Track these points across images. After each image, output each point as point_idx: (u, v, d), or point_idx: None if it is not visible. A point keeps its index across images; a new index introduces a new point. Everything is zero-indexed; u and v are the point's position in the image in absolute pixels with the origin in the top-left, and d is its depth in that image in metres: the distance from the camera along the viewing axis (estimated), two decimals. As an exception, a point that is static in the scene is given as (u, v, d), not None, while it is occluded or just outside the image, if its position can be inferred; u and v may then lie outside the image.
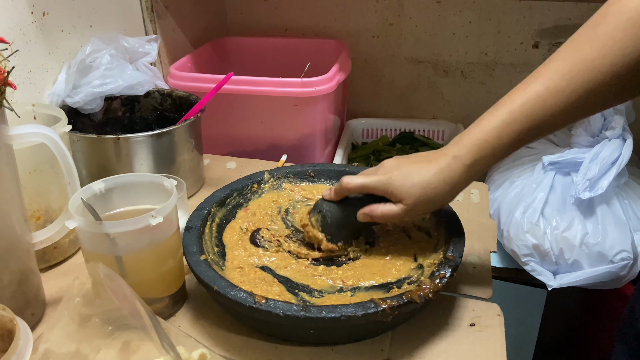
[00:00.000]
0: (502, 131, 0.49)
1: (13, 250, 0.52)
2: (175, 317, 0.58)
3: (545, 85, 0.47)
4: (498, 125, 0.49)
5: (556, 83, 0.47)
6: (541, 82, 0.48)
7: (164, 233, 0.54)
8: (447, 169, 0.52)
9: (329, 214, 0.60)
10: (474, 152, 0.50)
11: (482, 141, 0.50)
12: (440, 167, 0.52)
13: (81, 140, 0.72)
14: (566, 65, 0.47)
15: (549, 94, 0.47)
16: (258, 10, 1.30)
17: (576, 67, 0.46)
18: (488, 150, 0.50)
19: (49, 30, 0.78)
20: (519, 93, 0.49)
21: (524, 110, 0.48)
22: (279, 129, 0.98)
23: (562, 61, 0.47)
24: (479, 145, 0.50)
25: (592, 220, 0.85)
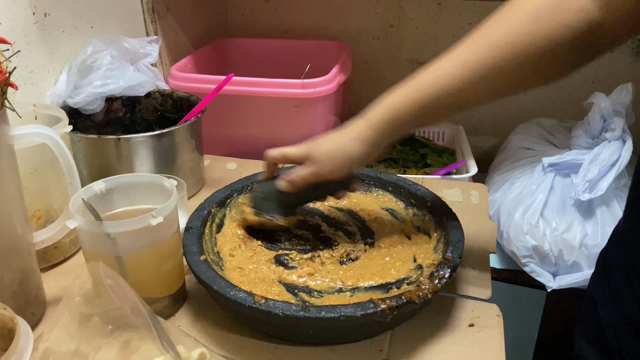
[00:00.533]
0: (406, 96, 0.53)
1: (14, 250, 0.52)
2: (175, 317, 0.58)
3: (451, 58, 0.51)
4: (403, 91, 0.54)
5: (462, 56, 0.50)
6: (449, 56, 0.51)
7: (164, 233, 0.54)
8: (352, 127, 0.57)
9: (258, 190, 0.66)
10: (381, 112, 0.55)
11: (386, 105, 0.55)
12: (347, 126, 0.58)
13: (82, 141, 0.72)
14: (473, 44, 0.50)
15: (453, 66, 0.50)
16: (259, 12, 1.30)
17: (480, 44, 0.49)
18: (394, 114, 0.54)
19: (51, 31, 0.78)
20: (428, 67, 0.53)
21: (428, 79, 0.52)
22: (280, 129, 0.98)
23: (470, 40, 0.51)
24: (383, 108, 0.55)
25: (592, 221, 0.85)
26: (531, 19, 0.47)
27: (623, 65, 1.16)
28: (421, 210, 0.68)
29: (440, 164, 1.13)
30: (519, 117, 1.20)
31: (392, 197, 0.72)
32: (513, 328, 0.98)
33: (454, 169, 1.05)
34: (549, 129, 1.07)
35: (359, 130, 0.57)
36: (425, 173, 1.10)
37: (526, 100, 1.23)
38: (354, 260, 0.62)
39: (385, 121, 0.55)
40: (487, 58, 0.48)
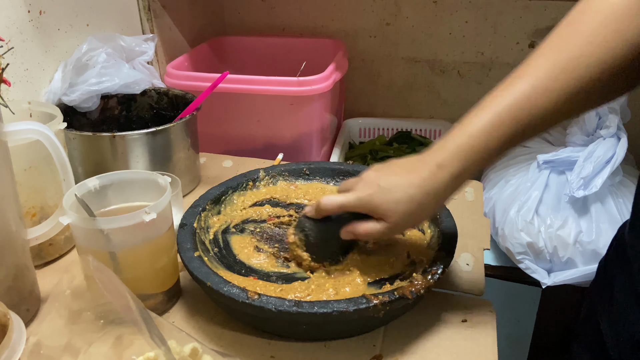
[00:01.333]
0: (489, 135, 0.46)
1: (8, 246, 0.52)
2: (170, 313, 0.58)
3: (532, 84, 0.45)
4: (485, 129, 0.46)
5: (542, 82, 0.45)
6: (527, 81, 0.46)
7: (158, 229, 0.54)
8: (430, 180, 0.48)
9: (311, 233, 0.58)
10: (460, 159, 0.47)
11: (468, 147, 0.47)
12: (422, 178, 0.48)
13: (77, 138, 0.72)
14: (551, 64, 0.45)
15: (536, 93, 0.45)
16: (255, 10, 1.30)
17: (562, 64, 0.44)
18: (475, 156, 0.47)
19: (46, 29, 0.78)
20: (503, 93, 0.46)
21: (511, 111, 0.45)
22: (276, 127, 0.98)
23: (545, 59, 0.46)
24: (466, 151, 0.47)
25: (586, 218, 0.85)
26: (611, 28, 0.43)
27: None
28: (415, 206, 0.68)
29: (437, 161, 1.13)
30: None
31: (387, 194, 0.73)
32: (508, 325, 0.99)
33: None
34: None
35: (440, 187, 0.48)
36: (421, 171, 1.10)
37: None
38: None
39: (472, 173, 0.48)
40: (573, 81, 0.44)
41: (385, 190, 0.50)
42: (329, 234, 0.57)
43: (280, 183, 0.74)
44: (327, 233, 0.57)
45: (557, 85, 0.44)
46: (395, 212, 0.50)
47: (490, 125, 0.46)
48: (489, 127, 0.46)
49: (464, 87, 1.28)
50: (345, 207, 0.53)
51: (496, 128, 0.46)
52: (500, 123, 0.46)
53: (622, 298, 0.52)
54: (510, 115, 0.45)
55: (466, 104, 1.43)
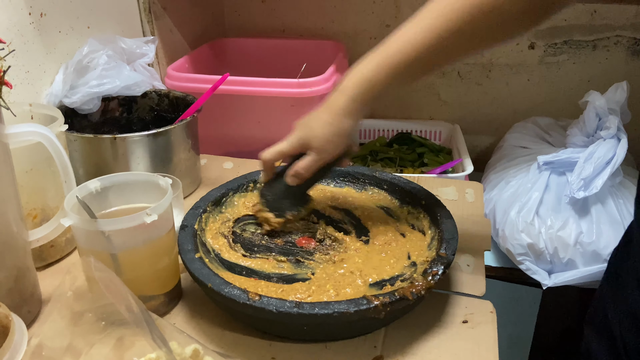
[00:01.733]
0: (378, 65, 0.55)
1: (9, 247, 0.52)
2: (171, 314, 0.58)
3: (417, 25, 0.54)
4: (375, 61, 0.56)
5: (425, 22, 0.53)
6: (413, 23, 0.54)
7: (159, 231, 0.54)
8: (333, 104, 0.59)
9: (267, 193, 0.66)
10: (355, 84, 0.57)
11: (360, 74, 0.57)
12: (327, 104, 0.59)
13: (78, 140, 0.72)
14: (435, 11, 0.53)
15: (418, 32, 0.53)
16: (255, 12, 1.30)
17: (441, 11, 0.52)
18: (368, 82, 0.56)
19: (47, 31, 0.78)
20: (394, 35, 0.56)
21: (397, 46, 0.55)
22: (276, 129, 0.98)
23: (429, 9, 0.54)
24: (359, 77, 0.57)
25: (587, 219, 0.85)
26: None
27: (618, 64, 1.16)
28: (415, 208, 0.68)
29: (437, 163, 1.13)
30: (515, 116, 1.20)
31: (387, 195, 0.73)
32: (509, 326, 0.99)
33: (449, 167, 1.06)
34: (545, 127, 1.07)
35: (343, 106, 0.58)
36: (421, 172, 1.10)
37: (522, 99, 1.24)
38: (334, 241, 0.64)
39: (365, 91, 0.57)
40: (448, 22, 0.52)
41: (305, 125, 0.61)
42: (280, 188, 0.65)
43: None
44: (278, 187, 0.65)
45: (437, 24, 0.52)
46: (316, 137, 0.60)
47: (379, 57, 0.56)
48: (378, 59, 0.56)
49: (464, 88, 1.28)
50: (280, 151, 0.63)
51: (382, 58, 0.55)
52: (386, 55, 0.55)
53: (626, 282, 0.57)
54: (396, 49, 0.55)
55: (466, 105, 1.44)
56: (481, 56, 1.24)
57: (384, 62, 0.55)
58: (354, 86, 0.57)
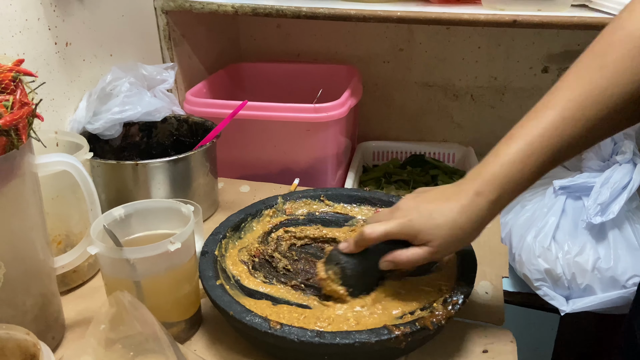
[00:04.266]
0: (522, 164, 0.48)
1: (36, 275, 0.53)
2: (191, 341, 0.59)
3: (560, 114, 0.48)
4: (518, 158, 0.48)
5: (571, 112, 0.47)
6: (555, 111, 0.48)
7: (182, 258, 0.55)
8: (470, 207, 0.50)
9: (348, 266, 0.57)
10: (496, 187, 0.49)
11: (503, 176, 0.49)
12: (462, 204, 0.50)
13: (101, 166, 0.74)
14: (578, 94, 0.47)
15: (565, 124, 0.47)
16: (271, 36, 1.33)
17: (590, 95, 0.47)
18: (510, 184, 0.49)
19: (72, 60, 0.81)
20: (533, 123, 0.49)
21: (543, 141, 0.48)
22: (292, 153, 1.00)
23: (572, 90, 0.48)
24: (501, 180, 0.49)
25: (604, 245, 0.85)
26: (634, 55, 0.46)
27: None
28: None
29: (451, 185, 1.14)
30: (529, 138, 1.21)
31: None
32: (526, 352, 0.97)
33: (464, 191, 1.06)
34: (560, 151, 1.07)
35: (476, 208, 0.50)
36: (436, 195, 1.10)
37: (536, 122, 1.24)
38: None
39: (508, 199, 0.50)
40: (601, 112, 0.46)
41: (425, 216, 0.52)
42: (367, 266, 0.57)
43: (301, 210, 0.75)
44: (365, 265, 0.57)
45: (585, 116, 0.47)
46: (438, 237, 0.51)
47: (523, 154, 0.48)
48: (522, 156, 0.48)
49: (477, 111, 1.29)
50: (389, 234, 0.53)
51: (529, 157, 0.48)
52: (532, 152, 0.48)
53: None
54: (541, 144, 0.48)
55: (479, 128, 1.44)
56: (494, 80, 1.25)
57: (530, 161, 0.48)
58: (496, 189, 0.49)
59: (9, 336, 0.45)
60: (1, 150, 0.46)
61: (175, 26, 1.03)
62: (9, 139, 0.47)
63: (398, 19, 0.91)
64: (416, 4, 0.98)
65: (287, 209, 0.75)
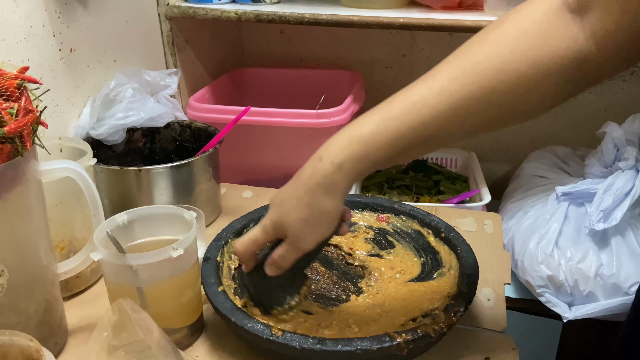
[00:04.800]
0: (376, 128, 0.44)
1: (39, 280, 0.53)
2: (193, 347, 0.59)
3: (429, 85, 0.44)
4: (374, 122, 0.44)
5: (440, 83, 0.44)
6: (425, 82, 0.45)
7: (184, 264, 0.56)
8: (315, 176, 0.45)
9: (250, 287, 0.57)
10: (343, 148, 0.45)
11: (355, 138, 0.44)
12: (305, 176, 0.46)
13: (104, 172, 0.74)
14: (453, 67, 0.44)
15: (430, 93, 0.43)
16: (274, 42, 1.33)
17: (462, 68, 0.44)
18: (361, 146, 0.44)
19: (76, 66, 0.81)
20: (401, 94, 0.46)
21: (403, 107, 0.44)
22: (295, 158, 0.99)
23: (449, 64, 0.45)
24: (351, 141, 0.44)
25: (607, 251, 0.85)
26: (519, 43, 0.42)
27: (635, 94, 1.16)
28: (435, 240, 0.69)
29: (453, 191, 1.14)
30: (531, 144, 1.21)
31: (406, 227, 0.73)
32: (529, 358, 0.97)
33: (467, 197, 1.06)
34: (562, 157, 1.07)
35: (324, 180, 0.45)
36: (438, 200, 1.11)
37: (538, 127, 1.24)
38: None
39: (357, 159, 0.44)
40: (470, 86, 0.42)
41: (279, 205, 0.48)
42: (262, 277, 0.54)
43: None
44: (260, 277, 0.54)
45: (453, 87, 0.43)
46: (289, 223, 0.47)
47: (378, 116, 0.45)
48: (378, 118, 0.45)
49: (480, 116, 1.29)
50: (257, 240, 0.51)
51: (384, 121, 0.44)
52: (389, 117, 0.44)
53: None
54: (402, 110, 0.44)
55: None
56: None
57: (385, 124, 0.44)
58: (342, 151, 0.44)
59: (12, 342, 0.45)
60: (6, 157, 0.47)
61: (178, 32, 1.03)
62: (14, 146, 0.47)
63: (401, 26, 0.91)
64: (419, 10, 0.99)
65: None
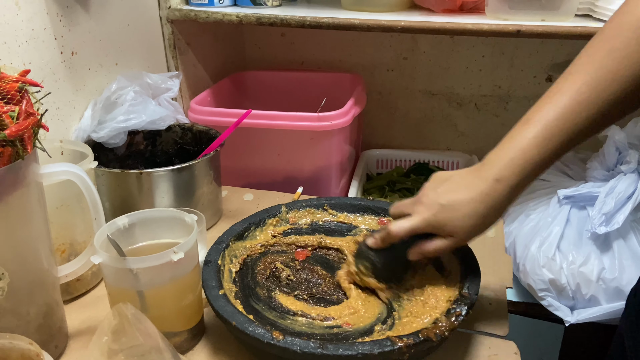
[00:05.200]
0: (540, 147, 0.49)
1: (40, 284, 0.53)
2: (194, 350, 0.59)
3: (574, 98, 0.49)
4: (536, 142, 0.49)
5: (585, 96, 0.48)
6: (570, 95, 0.49)
7: (185, 268, 0.55)
8: (491, 195, 0.51)
9: (377, 260, 0.60)
10: (515, 172, 0.50)
11: (522, 160, 0.50)
12: (483, 193, 0.51)
13: (105, 175, 0.74)
14: (591, 78, 0.48)
15: (579, 106, 0.48)
16: (275, 45, 1.33)
17: (602, 79, 0.48)
18: (529, 168, 0.50)
19: (77, 69, 0.81)
20: (548, 107, 0.50)
21: (559, 124, 0.49)
22: (296, 161, 1.00)
23: (585, 74, 0.49)
24: (520, 164, 0.50)
25: (609, 255, 0.84)
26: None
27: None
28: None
29: (455, 194, 1.13)
30: (533, 147, 1.20)
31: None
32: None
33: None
34: (564, 160, 1.07)
35: (503, 203, 0.51)
36: (439, 204, 1.10)
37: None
38: None
39: (528, 182, 0.51)
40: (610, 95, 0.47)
41: (448, 209, 0.53)
42: (394, 258, 0.60)
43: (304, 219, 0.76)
44: (392, 257, 0.60)
45: (599, 98, 0.48)
46: (462, 228, 0.53)
47: (541, 137, 0.49)
48: (540, 140, 0.49)
49: (481, 119, 1.29)
50: (414, 230, 0.56)
51: (546, 140, 0.49)
52: (549, 136, 0.49)
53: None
54: (558, 127, 0.49)
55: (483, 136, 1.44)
56: (498, 88, 1.25)
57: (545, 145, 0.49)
58: (516, 175, 0.50)
59: (13, 346, 0.45)
60: (7, 160, 0.47)
61: (180, 35, 1.03)
62: (15, 149, 0.47)
63: (402, 29, 0.91)
64: (420, 13, 0.99)
65: (291, 218, 0.75)
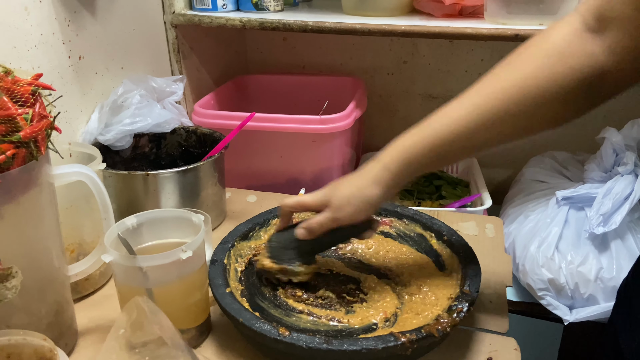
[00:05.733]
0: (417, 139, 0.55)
1: (51, 282, 0.55)
2: (201, 347, 0.60)
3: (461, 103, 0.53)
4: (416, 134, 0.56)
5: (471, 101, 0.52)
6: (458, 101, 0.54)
7: (193, 266, 0.57)
8: (368, 170, 0.58)
9: (274, 240, 0.65)
10: (397, 155, 0.56)
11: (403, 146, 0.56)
12: (363, 170, 0.59)
13: (112, 176, 0.76)
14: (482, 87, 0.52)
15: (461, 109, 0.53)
16: (277, 49, 1.35)
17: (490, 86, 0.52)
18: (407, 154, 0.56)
19: (84, 73, 0.83)
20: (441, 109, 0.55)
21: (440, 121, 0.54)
22: (298, 163, 1.01)
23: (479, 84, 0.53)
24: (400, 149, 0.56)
25: (607, 255, 0.86)
26: (540, 63, 0.49)
27: (634, 99, 1.18)
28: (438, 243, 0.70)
29: (455, 195, 1.15)
30: (532, 149, 1.22)
31: (409, 230, 0.75)
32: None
33: (469, 202, 1.07)
34: (562, 162, 1.09)
35: (375, 174, 0.57)
36: (440, 205, 1.12)
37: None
38: None
39: (401, 163, 0.56)
40: (496, 102, 0.50)
41: (333, 185, 0.61)
42: (289, 238, 0.64)
43: None
44: (287, 237, 0.64)
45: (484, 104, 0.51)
46: (336, 196, 0.59)
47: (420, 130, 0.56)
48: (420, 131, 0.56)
49: (481, 122, 1.30)
50: (303, 203, 0.62)
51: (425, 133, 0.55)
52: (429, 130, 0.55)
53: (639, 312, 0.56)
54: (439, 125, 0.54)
55: (483, 139, 1.42)
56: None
57: (424, 138, 0.55)
58: (391, 156, 0.57)
59: (26, 342, 0.46)
60: (21, 161, 0.48)
61: (184, 40, 1.05)
62: (29, 150, 0.48)
63: (403, 33, 0.93)
64: (420, 18, 1.00)
65: (294, 218, 0.76)
